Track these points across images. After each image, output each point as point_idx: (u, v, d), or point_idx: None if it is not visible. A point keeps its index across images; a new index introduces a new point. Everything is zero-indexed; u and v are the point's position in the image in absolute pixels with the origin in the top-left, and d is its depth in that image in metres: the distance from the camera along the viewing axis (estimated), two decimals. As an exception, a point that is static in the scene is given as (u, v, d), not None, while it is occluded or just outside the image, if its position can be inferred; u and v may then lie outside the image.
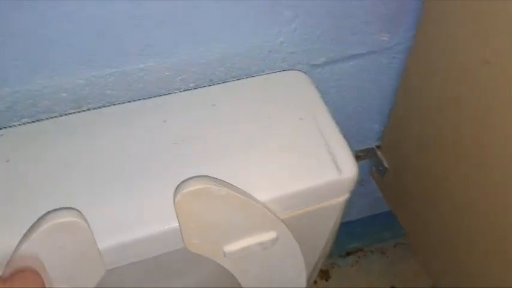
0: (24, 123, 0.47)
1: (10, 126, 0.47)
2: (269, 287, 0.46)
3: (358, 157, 0.74)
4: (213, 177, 0.37)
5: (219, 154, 0.42)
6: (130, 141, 0.44)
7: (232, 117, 0.46)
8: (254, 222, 0.39)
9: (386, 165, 0.72)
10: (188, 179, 0.36)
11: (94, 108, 0.49)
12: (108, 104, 0.50)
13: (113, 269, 0.38)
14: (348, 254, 1.00)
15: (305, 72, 0.53)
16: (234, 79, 0.52)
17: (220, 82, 0.52)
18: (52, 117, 0.48)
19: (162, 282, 0.46)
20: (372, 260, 0.99)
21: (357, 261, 0.99)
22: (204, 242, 0.38)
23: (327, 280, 0.97)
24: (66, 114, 0.48)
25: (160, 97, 0.49)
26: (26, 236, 0.34)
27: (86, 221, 0.34)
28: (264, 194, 0.39)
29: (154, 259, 0.40)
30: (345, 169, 0.42)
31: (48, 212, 0.34)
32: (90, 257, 0.35)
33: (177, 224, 0.37)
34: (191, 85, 0.52)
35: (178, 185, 0.36)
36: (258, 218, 0.39)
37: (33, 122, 0.47)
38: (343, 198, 0.44)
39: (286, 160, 0.42)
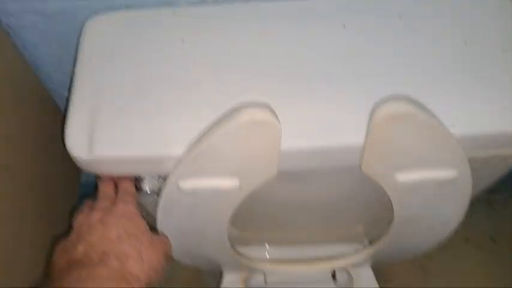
0: (191, 4, 0.45)
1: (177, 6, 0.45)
2: (419, 221, 0.44)
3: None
4: (416, 101, 0.34)
5: (409, 74, 0.38)
6: (309, 41, 0.41)
7: (422, 34, 0.41)
8: (442, 157, 0.35)
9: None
10: (390, 100, 0.33)
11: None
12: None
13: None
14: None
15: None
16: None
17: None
18: (218, 3, 0.45)
19: (306, 191, 0.46)
20: (475, 207, 0.94)
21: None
22: (381, 165, 0.36)
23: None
24: (231, 3, 0.45)
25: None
26: (217, 124, 0.34)
27: (279, 121, 0.32)
28: (458, 128, 0.35)
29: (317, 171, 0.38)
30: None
31: (243, 107, 0.33)
32: (269, 156, 0.35)
33: (363, 142, 0.34)
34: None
35: (378, 104, 0.33)
36: (447, 153, 0.35)
37: (201, 4, 0.45)
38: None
39: (484, 96, 0.37)
